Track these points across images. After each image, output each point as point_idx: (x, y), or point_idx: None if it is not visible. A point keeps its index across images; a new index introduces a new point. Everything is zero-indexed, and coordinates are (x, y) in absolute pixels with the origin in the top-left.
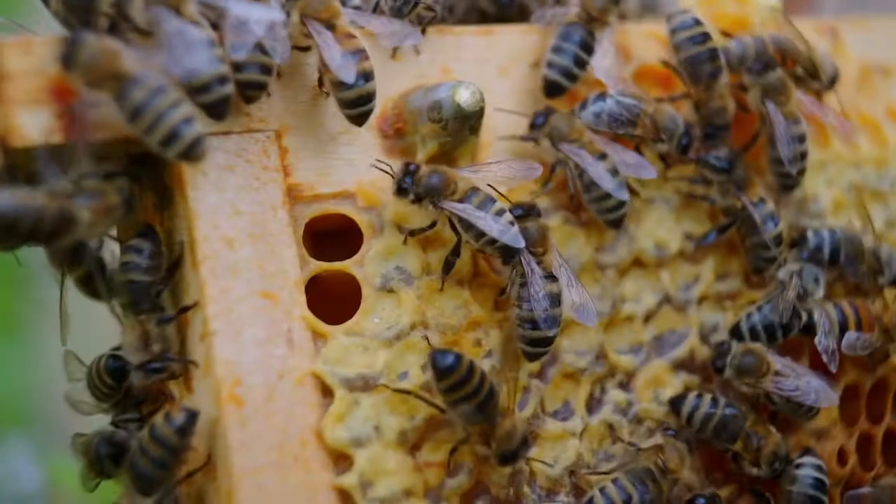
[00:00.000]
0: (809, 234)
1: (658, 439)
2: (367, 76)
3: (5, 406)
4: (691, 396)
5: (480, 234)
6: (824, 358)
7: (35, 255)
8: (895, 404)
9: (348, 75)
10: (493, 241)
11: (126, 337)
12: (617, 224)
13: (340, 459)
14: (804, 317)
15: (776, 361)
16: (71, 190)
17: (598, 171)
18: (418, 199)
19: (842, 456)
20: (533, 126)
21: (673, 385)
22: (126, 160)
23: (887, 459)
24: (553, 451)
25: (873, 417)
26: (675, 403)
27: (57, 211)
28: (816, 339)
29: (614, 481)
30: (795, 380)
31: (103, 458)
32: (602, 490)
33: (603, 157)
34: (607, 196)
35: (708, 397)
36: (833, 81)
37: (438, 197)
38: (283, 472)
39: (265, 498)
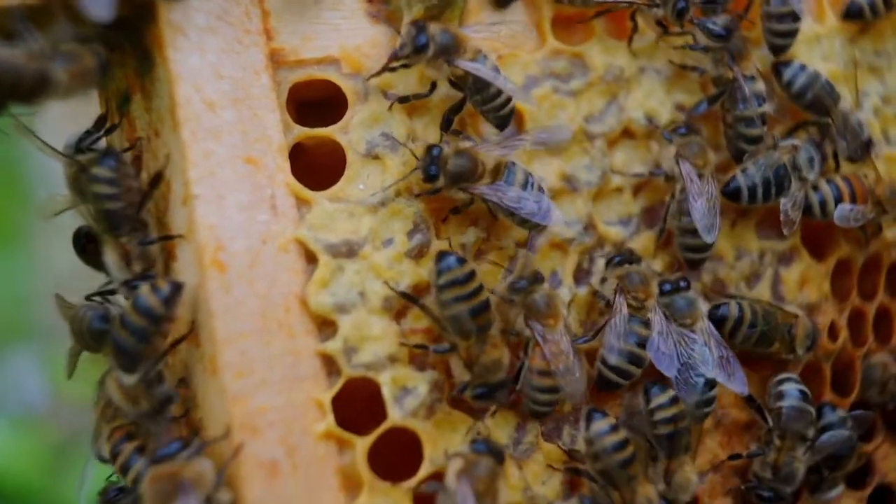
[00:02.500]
0: (786, 69)
1: None
2: None
3: (8, 317)
4: (732, 307)
5: (511, 214)
6: (782, 219)
7: (34, 163)
8: (888, 281)
9: None
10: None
11: (108, 256)
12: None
13: (325, 325)
14: (792, 183)
15: None
16: (49, 51)
17: None
18: (448, 187)
19: (833, 331)
20: None
21: (662, 259)
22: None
23: (879, 336)
24: None
25: (865, 294)
26: (715, 313)
27: (35, 71)
28: (782, 204)
29: None
30: None
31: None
32: None
33: None
34: None
35: (747, 306)
36: None
37: (467, 182)
38: (266, 337)
39: (248, 364)
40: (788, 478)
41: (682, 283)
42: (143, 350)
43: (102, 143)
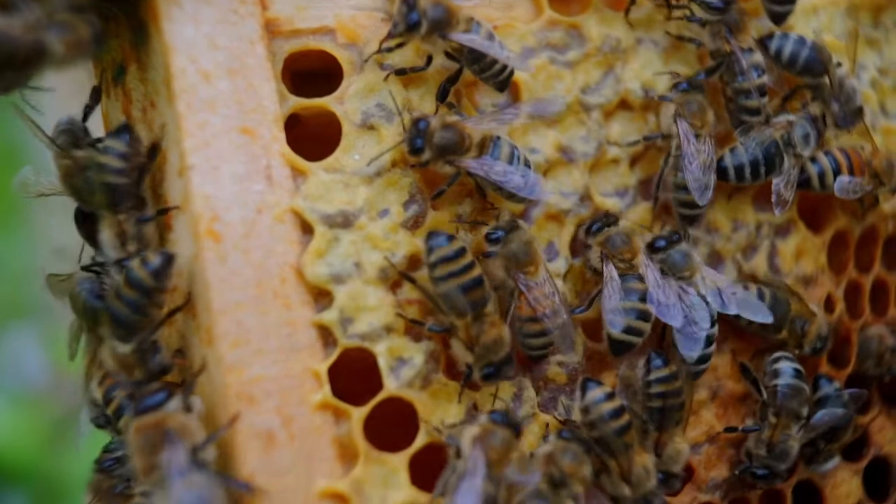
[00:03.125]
0: (770, 42)
1: None
2: None
3: (7, 293)
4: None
5: (499, 188)
6: (773, 199)
7: (34, 140)
8: (885, 254)
9: None
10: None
11: (103, 234)
12: (689, 220)
13: (320, 296)
14: (785, 160)
15: None
16: (44, 22)
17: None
18: (434, 160)
19: (829, 302)
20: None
21: (658, 230)
22: None
23: (875, 309)
24: None
25: (862, 266)
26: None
27: (31, 41)
28: (775, 183)
29: None
30: None
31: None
32: None
33: None
34: None
35: (754, 289)
36: None
37: (453, 155)
38: (262, 308)
39: (244, 333)
40: (783, 455)
41: (675, 237)
42: (138, 321)
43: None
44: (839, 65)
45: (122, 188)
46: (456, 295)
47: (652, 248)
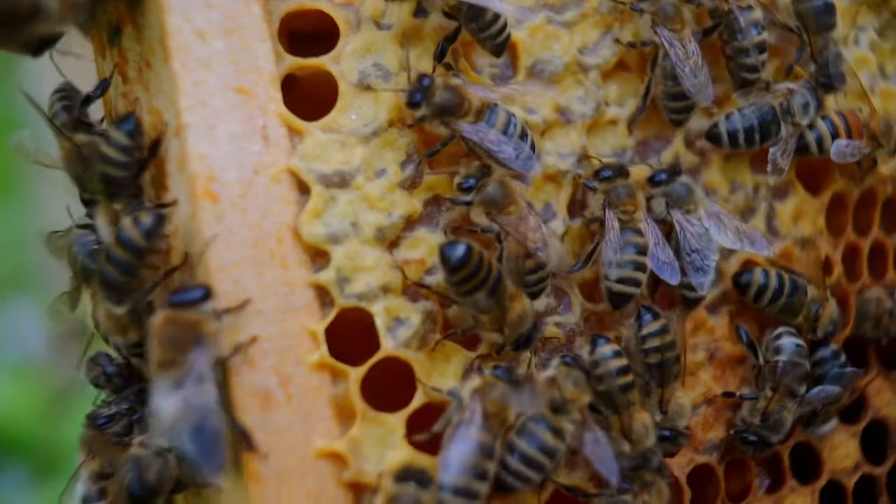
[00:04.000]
0: None
1: None
2: None
3: (7, 264)
4: (757, 273)
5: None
6: (769, 168)
7: (33, 115)
8: (883, 216)
9: None
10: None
11: (99, 219)
12: (679, 123)
13: (317, 256)
14: (782, 128)
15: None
16: None
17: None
18: (430, 118)
19: (827, 265)
20: None
21: None
22: None
23: (873, 272)
24: None
25: (860, 229)
26: (740, 279)
27: (29, 0)
28: (771, 152)
29: None
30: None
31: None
32: None
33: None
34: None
35: (773, 274)
36: None
37: (450, 117)
38: (259, 268)
39: (242, 293)
40: (776, 426)
41: (677, 170)
42: (127, 283)
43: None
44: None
45: (121, 181)
46: (485, 302)
47: (653, 182)
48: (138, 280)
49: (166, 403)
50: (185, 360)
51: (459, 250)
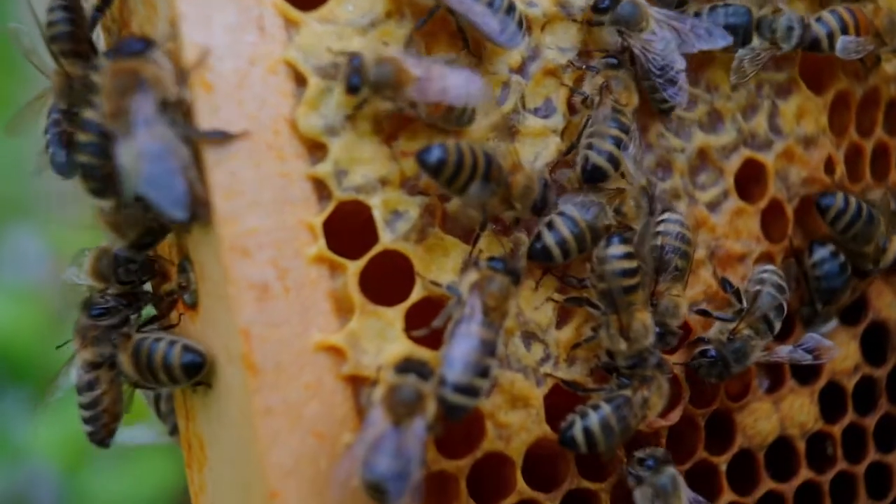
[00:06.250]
0: None
1: None
2: None
3: (7, 189)
4: (839, 198)
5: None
6: (732, 68)
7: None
8: (886, 118)
9: None
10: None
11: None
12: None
13: (315, 148)
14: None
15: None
16: None
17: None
18: (375, 93)
19: (829, 165)
20: None
21: None
22: None
23: (876, 173)
24: (534, 147)
25: (863, 130)
26: (821, 202)
27: None
28: (740, 53)
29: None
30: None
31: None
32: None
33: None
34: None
35: (853, 202)
36: None
37: (393, 90)
38: (255, 159)
39: (238, 185)
40: (740, 353)
41: None
42: (102, 166)
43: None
44: None
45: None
46: (483, 189)
47: (598, 10)
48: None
49: (122, 153)
50: (129, 107)
51: (435, 153)
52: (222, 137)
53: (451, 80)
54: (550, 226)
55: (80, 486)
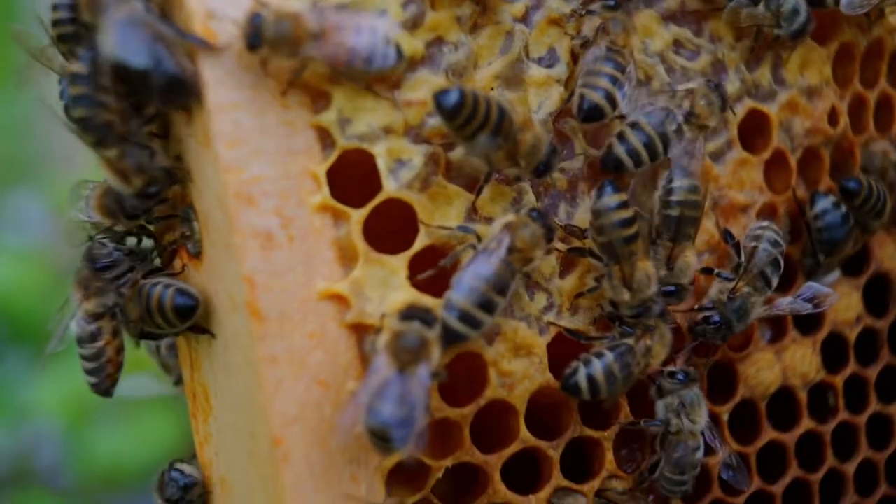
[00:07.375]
0: None
1: None
2: None
3: (9, 151)
4: (865, 182)
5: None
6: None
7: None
8: (890, 69)
9: None
10: None
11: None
12: None
13: (318, 97)
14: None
15: None
16: None
17: None
18: (274, 50)
19: (833, 116)
20: None
21: (662, 36)
22: None
23: (879, 125)
24: (537, 97)
25: (867, 82)
26: (848, 185)
27: None
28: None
29: None
30: None
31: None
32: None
33: None
34: None
35: (875, 187)
36: None
37: (295, 45)
38: (259, 108)
39: (242, 133)
40: (741, 311)
41: None
42: (97, 115)
43: None
44: None
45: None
46: (492, 141)
47: None
48: (109, 111)
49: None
50: None
51: (453, 96)
52: (204, 45)
53: (350, 36)
54: (621, 136)
55: (84, 443)
